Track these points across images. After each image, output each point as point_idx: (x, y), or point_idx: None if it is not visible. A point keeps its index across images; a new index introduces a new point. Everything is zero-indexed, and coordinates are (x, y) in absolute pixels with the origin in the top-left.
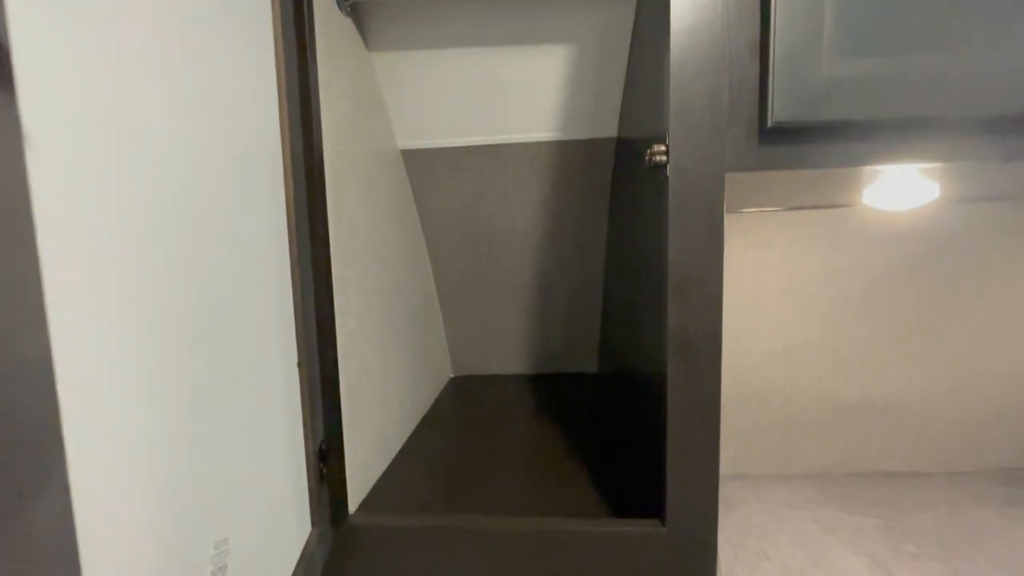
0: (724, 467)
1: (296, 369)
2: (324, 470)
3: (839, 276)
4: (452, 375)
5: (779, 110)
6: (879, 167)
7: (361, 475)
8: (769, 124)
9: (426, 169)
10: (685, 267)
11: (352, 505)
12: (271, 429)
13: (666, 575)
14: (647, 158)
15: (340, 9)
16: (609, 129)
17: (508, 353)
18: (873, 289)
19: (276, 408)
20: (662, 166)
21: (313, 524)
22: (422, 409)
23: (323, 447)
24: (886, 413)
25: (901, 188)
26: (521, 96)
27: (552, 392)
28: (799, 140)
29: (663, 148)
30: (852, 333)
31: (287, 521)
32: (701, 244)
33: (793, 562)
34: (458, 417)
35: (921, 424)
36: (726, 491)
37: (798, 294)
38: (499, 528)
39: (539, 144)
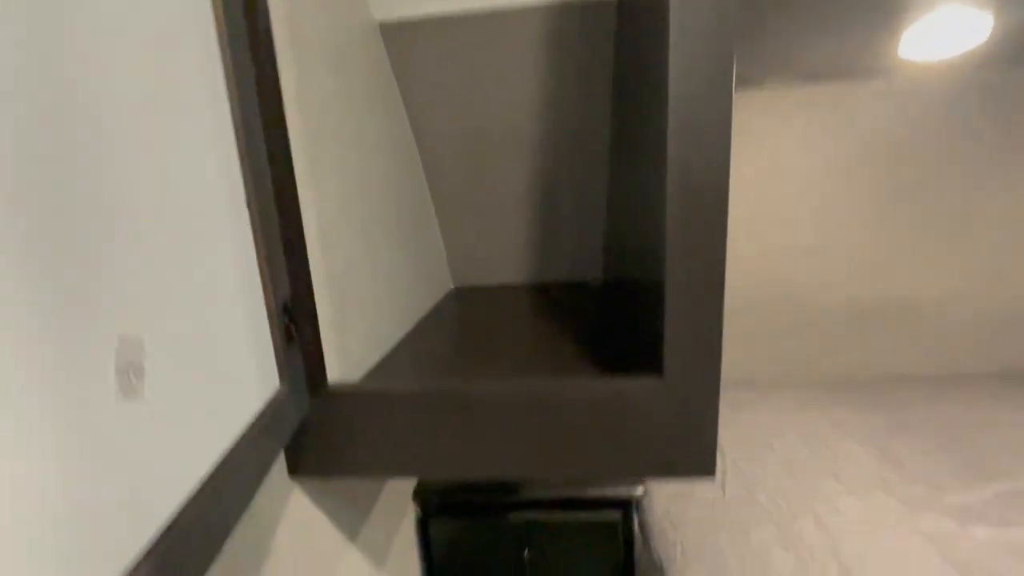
0: (732, 372)
1: (246, 210)
2: (292, 329)
3: (861, 167)
4: (453, 286)
5: None
6: None
7: (348, 361)
8: None
9: (409, 46)
10: (689, 92)
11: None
12: (217, 264)
13: (665, 433)
14: None
15: None
16: None
17: (511, 261)
18: (898, 182)
19: (223, 247)
20: None
21: (281, 379)
22: (418, 314)
23: (288, 305)
24: (902, 316)
25: (946, 27)
26: None
27: (556, 299)
28: None
29: None
30: (872, 232)
31: (242, 366)
32: (707, 69)
33: (799, 454)
34: (457, 320)
35: (937, 326)
36: (733, 395)
37: (817, 188)
38: (489, 390)
39: (535, 11)
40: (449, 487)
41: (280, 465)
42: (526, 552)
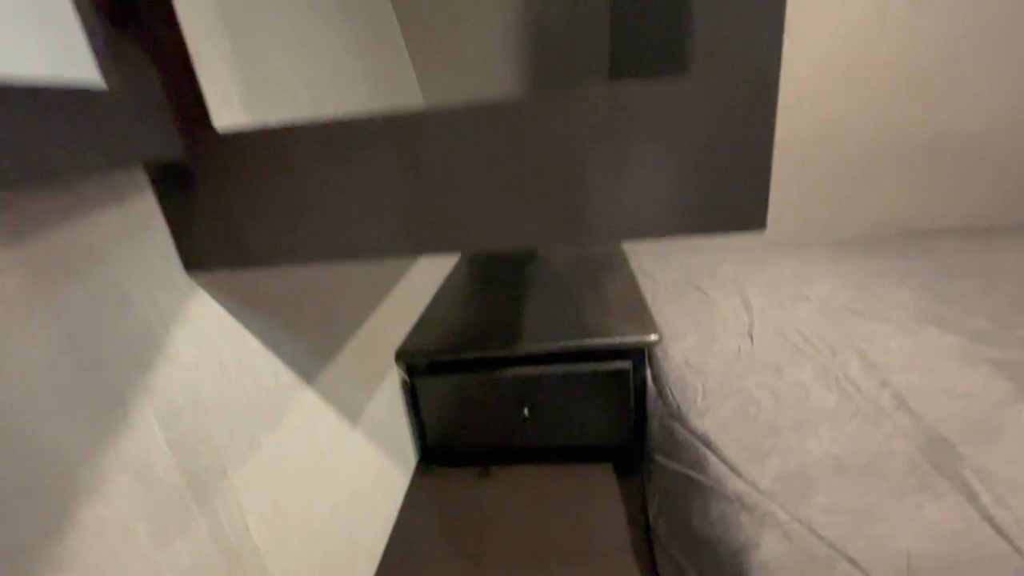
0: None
1: None
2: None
3: None
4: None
5: None
6: None
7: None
8: None
9: None
10: None
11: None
12: None
13: (696, 160)
14: None
15: None
16: None
17: (495, 83)
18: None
19: None
20: None
21: (105, 76)
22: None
23: None
24: (958, 157)
25: None
26: None
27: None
28: None
29: None
30: (931, 50)
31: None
32: None
33: (837, 300)
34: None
35: (994, 171)
36: (759, 254)
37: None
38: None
39: None
40: (437, 346)
41: (175, 264)
42: (525, 410)
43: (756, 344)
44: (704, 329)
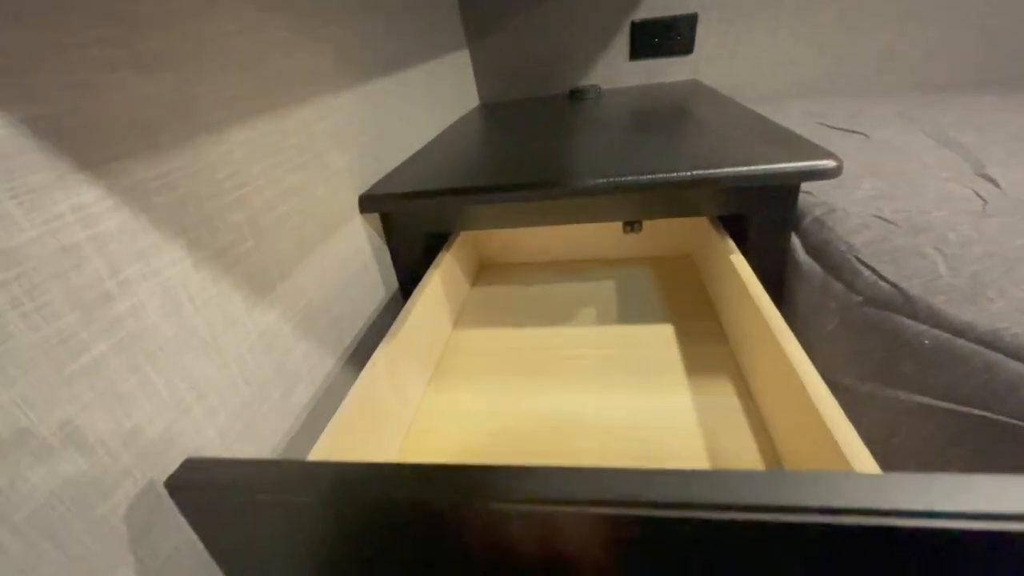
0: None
1: None
2: None
3: None
4: None
5: None
6: None
7: None
8: None
9: None
10: None
11: None
12: None
13: None
14: None
15: None
16: None
17: None
18: None
19: None
20: None
21: None
22: None
23: None
24: None
25: None
26: None
27: None
28: None
29: None
30: None
31: None
32: None
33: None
34: None
35: None
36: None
37: None
38: None
39: None
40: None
41: None
42: None
43: (1005, 191)
44: (889, 174)
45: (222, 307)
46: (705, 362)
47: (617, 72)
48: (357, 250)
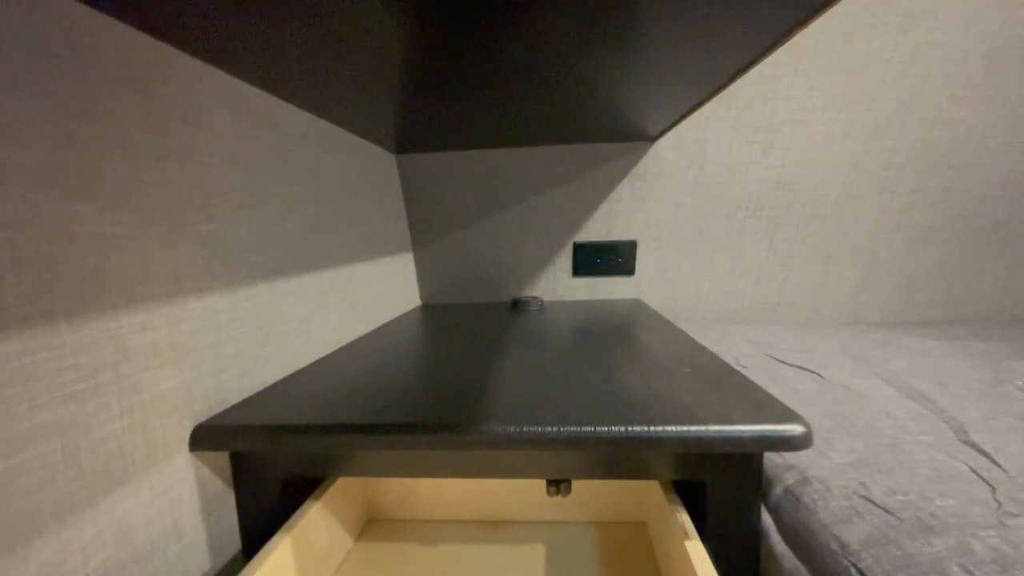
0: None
1: None
2: None
3: None
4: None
5: None
6: None
7: None
8: None
9: None
10: None
11: None
12: None
13: None
14: None
15: None
16: None
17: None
18: None
19: None
20: None
21: None
22: None
23: None
24: None
25: None
26: None
27: None
28: None
29: None
30: None
31: None
32: None
33: None
34: None
35: None
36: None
37: None
38: None
39: None
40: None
41: None
42: None
43: (1008, 472)
44: (862, 432)
45: None
46: None
47: (561, 285)
48: (170, 505)
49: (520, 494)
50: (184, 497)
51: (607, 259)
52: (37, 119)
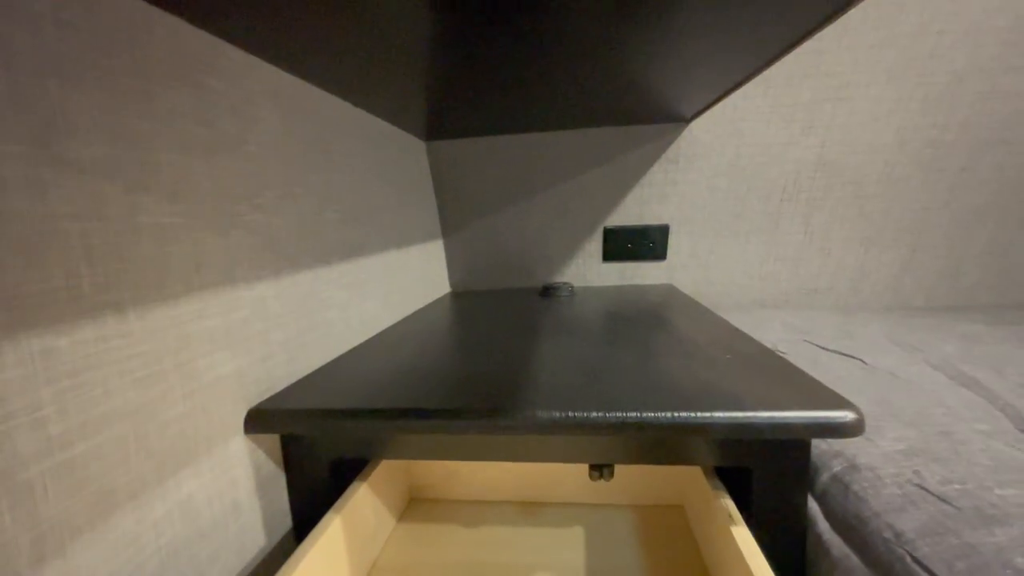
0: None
1: None
2: None
3: None
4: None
5: None
6: None
7: None
8: None
9: None
10: None
11: None
12: None
13: None
14: None
15: None
16: None
17: None
18: None
19: None
20: None
21: None
22: None
23: None
24: None
25: None
26: None
27: None
28: None
29: None
30: None
31: None
32: None
33: None
34: None
35: None
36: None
37: None
38: None
39: None
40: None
41: None
42: None
43: None
44: (913, 419)
45: None
46: None
47: (591, 271)
48: (229, 485)
49: (558, 476)
50: (241, 478)
51: (638, 244)
52: (100, 115)
